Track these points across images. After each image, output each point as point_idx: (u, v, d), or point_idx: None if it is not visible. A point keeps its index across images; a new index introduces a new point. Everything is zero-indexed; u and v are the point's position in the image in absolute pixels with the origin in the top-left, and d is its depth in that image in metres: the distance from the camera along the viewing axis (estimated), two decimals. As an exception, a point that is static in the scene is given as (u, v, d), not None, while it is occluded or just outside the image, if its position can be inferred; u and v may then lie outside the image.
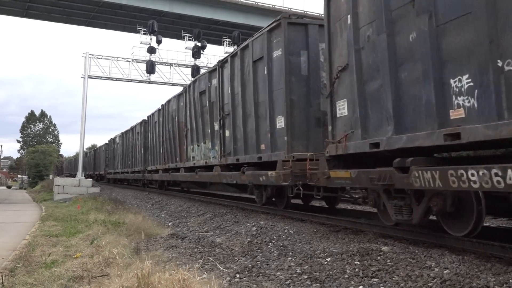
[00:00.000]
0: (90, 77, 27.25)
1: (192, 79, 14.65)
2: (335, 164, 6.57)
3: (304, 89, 8.35)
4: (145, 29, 28.09)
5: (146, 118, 22.63)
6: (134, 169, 25.16)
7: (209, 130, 12.29)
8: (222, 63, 11.52)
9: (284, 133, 8.24)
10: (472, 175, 4.13)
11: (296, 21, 8.48)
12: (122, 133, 30.05)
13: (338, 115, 6.51)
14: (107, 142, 37.20)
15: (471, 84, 4.26)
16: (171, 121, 16.78)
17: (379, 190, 5.87)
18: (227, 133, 11.06)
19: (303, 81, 8.36)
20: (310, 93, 8.38)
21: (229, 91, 10.68)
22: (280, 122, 8.40)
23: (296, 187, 7.67)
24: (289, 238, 6.65)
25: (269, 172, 8.35)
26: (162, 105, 18.39)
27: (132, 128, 26.39)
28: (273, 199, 9.62)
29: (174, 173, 16.48)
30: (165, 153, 17.87)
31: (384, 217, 6.22)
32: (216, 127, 11.72)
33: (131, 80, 28.73)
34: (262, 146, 9.15)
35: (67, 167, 64.71)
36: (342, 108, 6.37)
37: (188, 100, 14.29)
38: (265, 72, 8.82)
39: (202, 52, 29.64)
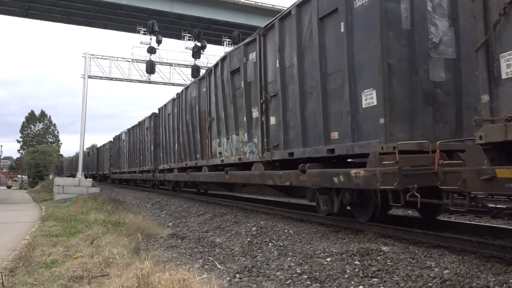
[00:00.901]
0: (90, 77, 27.25)
1: (220, 57, 11.55)
2: (493, 157, 4.35)
3: (405, 49, 5.90)
4: (145, 29, 28.10)
5: (157, 111, 20.31)
6: (142, 169, 22.86)
7: (244, 118, 9.75)
8: (265, 31, 8.89)
9: (377, 113, 5.81)
10: None
11: None
12: (128, 129, 27.56)
13: (505, 76, 4.11)
14: (112, 139, 34.47)
15: None
16: (190, 111, 14.14)
17: None
18: (272, 120, 8.63)
19: (405, 38, 5.91)
20: (414, 55, 5.94)
21: (277, 65, 8.24)
22: (370, 98, 5.91)
23: (409, 193, 5.18)
24: (289, 238, 6.65)
25: (354, 171, 5.94)
26: (178, 93, 16.01)
27: (140, 123, 23.84)
28: (348, 207, 7.14)
29: (194, 173, 13.80)
30: (181, 150, 15.27)
31: None
32: (255, 113, 9.27)
33: (131, 80, 28.73)
34: (334, 134, 6.69)
35: (68, 167, 64.37)
36: None
37: (214, 83, 11.72)
38: (342, 30, 6.40)
39: (202, 52, 29.65)
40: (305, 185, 7.48)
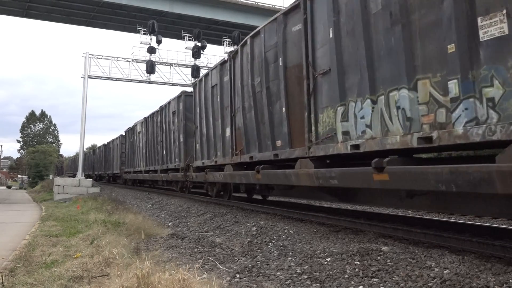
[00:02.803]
0: (90, 77, 27.29)
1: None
2: None
3: None
4: (145, 29, 28.17)
5: (189, 89, 15.96)
6: (166, 166, 18.06)
7: (452, 47, 4.47)
8: None
9: None
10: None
11: None
12: (145, 118, 22.41)
13: None
14: (123, 134, 29.67)
15: None
16: (263, 71, 8.73)
17: None
18: None
19: None
20: None
21: None
22: None
23: None
24: (289, 238, 6.65)
25: None
26: (231, 53, 10.77)
27: (163, 108, 18.71)
28: None
29: (276, 172, 8.31)
30: (240, 136, 10.17)
31: None
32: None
33: (131, 80, 28.78)
34: None
35: (70, 167, 63.61)
36: None
37: (333, 5, 6.45)
38: None
39: (202, 52, 29.72)
40: None
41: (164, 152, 18.40)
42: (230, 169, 10.67)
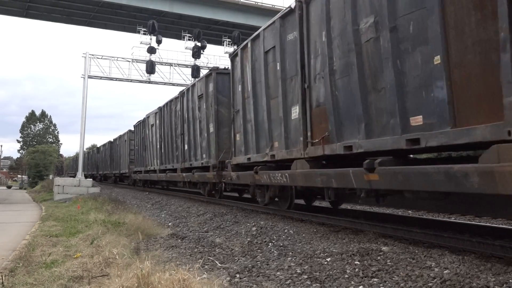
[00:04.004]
0: (90, 77, 27.27)
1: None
2: None
3: None
4: (145, 29, 28.17)
5: (220, 67, 13.00)
6: (189, 164, 14.68)
7: None
8: None
9: None
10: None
11: None
12: (160, 108, 18.94)
13: None
14: (131, 129, 26.93)
15: None
16: (384, 3, 5.33)
17: None
18: None
19: None
20: None
21: None
22: None
23: None
24: (289, 238, 6.65)
25: None
26: None
27: (184, 93, 15.30)
28: None
29: (416, 169, 4.91)
30: (319, 117, 7.12)
31: None
32: None
33: (131, 80, 28.77)
34: None
35: (72, 167, 63.05)
36: None
37: None
38: None
39: (202, 52, 29.71)
40: None
41: (186, 147, 14.97)
42: (305, 166, 7.35)
